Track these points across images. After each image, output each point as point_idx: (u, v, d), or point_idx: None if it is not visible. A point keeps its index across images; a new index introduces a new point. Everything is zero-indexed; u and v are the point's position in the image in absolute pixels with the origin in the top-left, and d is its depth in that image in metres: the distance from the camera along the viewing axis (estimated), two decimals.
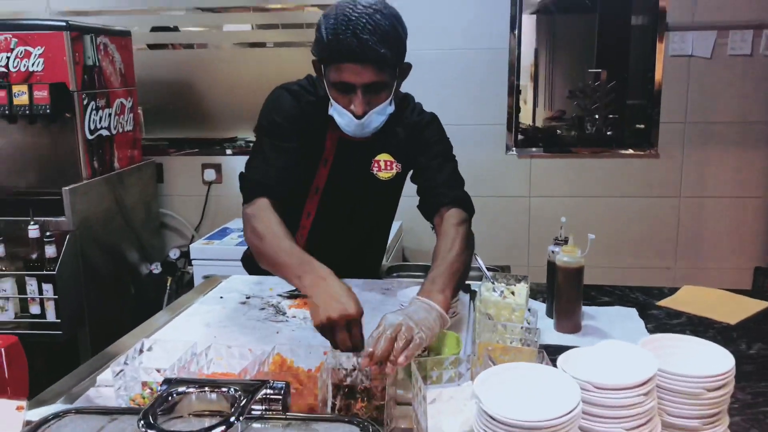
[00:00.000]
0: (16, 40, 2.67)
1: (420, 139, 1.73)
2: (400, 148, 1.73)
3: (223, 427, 0.79)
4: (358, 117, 1.51)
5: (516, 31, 3.20)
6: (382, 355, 1.11)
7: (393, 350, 1.13)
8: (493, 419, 0.84)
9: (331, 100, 1.56)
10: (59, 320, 2.57)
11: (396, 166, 1.74)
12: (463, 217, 1.63)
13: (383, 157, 1.73)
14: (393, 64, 1.50)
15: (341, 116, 1.55)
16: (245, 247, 2.14)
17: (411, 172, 1.79)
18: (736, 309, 1.66)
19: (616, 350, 1.01)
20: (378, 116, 1.55)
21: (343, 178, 1.73)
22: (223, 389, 0.87)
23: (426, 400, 1.00)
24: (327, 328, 1.23)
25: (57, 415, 0.88)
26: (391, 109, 1.58)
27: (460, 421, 1.01)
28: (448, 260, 1.47)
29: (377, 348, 1.12)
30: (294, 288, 1.75)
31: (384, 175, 1.73)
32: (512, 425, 0.82)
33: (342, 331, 1.21)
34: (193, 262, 2.98)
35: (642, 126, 3.27)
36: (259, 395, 0.87)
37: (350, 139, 1.64)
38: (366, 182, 1.74)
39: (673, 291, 1.80)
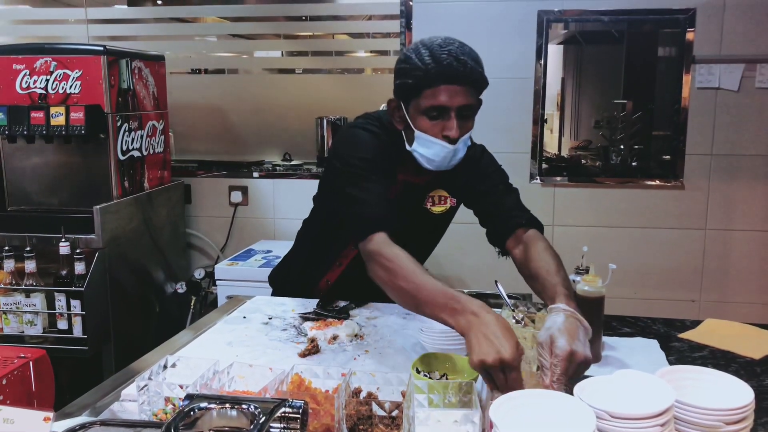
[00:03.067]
0: (56, 63, 2.77)
1: (478, 170, 1.76)
2: (455, 183, 1.76)
3: None
4: (452, 141, 1.53)
5: (542, 61, 3.22)
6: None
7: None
8: None
9: (416, 134, 1.56)
10: (85, 336, 2.61)
11: (450, 200, 1.78)
12: (544, 238, 1.67)
13: (438, 193, 1.77)
14: (482, 88, 1.58)
15: (429, 147, 1.55)
16: (269, 269, 2.19)
17: (466, 203, 1.81)
18: (761, 343, 1.64)
19: (634, 380, 1.01)
20: (464, 145, 1.58)
21: (398, 216, 1.71)
22: (243, 406, 0.89)
23: (417, 423, 1.01)
24: (483, 372, 1.17)
25: (83, 426, 0.91)
26: (470, 142, 1.62)
27: None
28: (565, 275, 1.50)
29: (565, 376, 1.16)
30: (311, 311, 1.79)
31: (437, 209, 1.78)
32: None
33: (498, 375, 1.14)
34: (218, 282, 3.02)
35: (668, 157, 3.25)
36: (278, 413, 0.89)
37: (416, 182, 1.69)
38: (418, 216, 1.77)
39: (696, 324, 1.78)
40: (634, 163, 3.31)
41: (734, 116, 3.11)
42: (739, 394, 1.00)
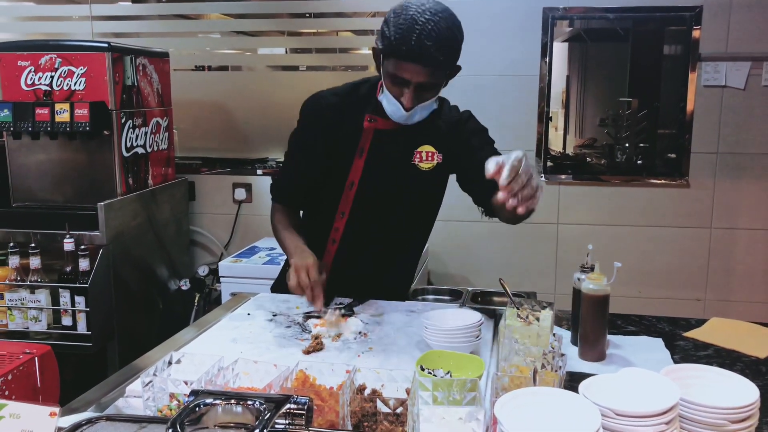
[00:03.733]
0: (60, 60, 2.78)
1: (464, 129, 1.83)
2: (442, 140, 1.81)
3: None
4: (406, 110, 1.65)
5: (547, 59, 3.22)
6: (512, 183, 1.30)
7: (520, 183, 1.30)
8: None
9: (384, 87, 1.68)
10: (90, 332, 2.62)
11: (437, 156, 1.81)
12: None
13: (425, 148, 1.81)
14: (446, 69, 1.64)
15: (390, 104, 1.68)
16: (273, 266, 2.20)
17: (451, 164, 1.84)
18: (766, 342, 1.63)
19: (639, 378, 1.01)
20: (423, 111, 1.69)
21: (380, 171, 1.79)
22: (248, 402, 0.89)
23: (430, 420, 1.01)
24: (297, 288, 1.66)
25: (89, 421, 0.91)
26: (435, 106, 1.73)
27: None
28: None
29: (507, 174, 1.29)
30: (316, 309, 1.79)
31: (425, 165, 1.81)
32: None
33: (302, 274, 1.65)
34: (222, 279, 3.03)
35: (673, 155, 3.25)
36: (283, 409, 0.89)
37: (388, 130, 1.75)
38: (406, 174, 1.79)
39: (701, 322, 1.77)
40: (639, 162, 3.30)
41: (740, 114, 3.11)
42: (744, 392, 1.00)
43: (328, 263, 1.90)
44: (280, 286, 2.07)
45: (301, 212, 2.04)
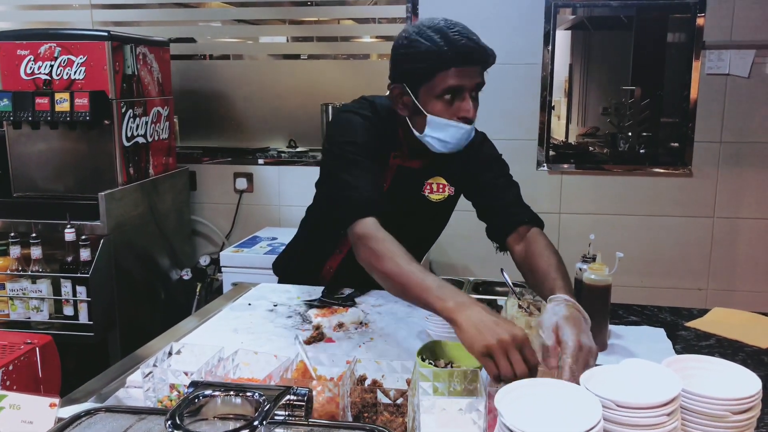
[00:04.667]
0: (60, 48, 2.76)
1: (479, 157, 1.74)
2: (454, 171, 1.75)
3: (246, 431, 0.81)
4: (470, 122, 1.54)
5: (550, 47, 3.19)
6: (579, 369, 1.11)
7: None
8: None
9: (428, 119, 1.53)
10: (91, 322, 2.62)
11: (449, 189, 1.76)
12: (546, 236, 1.66)
13: (436, 180, 1.75)
14: (489, 66, 1.56)
15: (444, 130, 1.53)
16: (274, 256, 2.19)
17: (465, 193, 1.80)
18: None
19: (640, 369, 1.00)
20: (473, 127, 1.58)
21: (394, 203, 1.68)
22: (248, 393, 0.89)
23: (430, 411, 1.01)
24: (497, 351, 1.10)
25: (88, 413, 0.91)
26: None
27: None
28: (564, 272, 1.48)
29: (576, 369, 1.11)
30: (316, 299, 1.78)
31: (435, 197, 1.75)
32: None
33: (515, 353, 1.10)
34: (223, 269, 3.03)
35: (676, 144, 3.23)
36: (283, 401, 0.88)
37: (412, 167, 1.68)
38: (416, 204, 1.75)
39: (703, 312, 1.77)
40: (642, 151, 3.29)
41: (744, 103, 3.08)
42: (746, 383, 0.99)
43: (333, 267, 1.90)
44: (285, 265, 2.06)
45: (307, 216, 1.99)
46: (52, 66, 2.77)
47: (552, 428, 0.83)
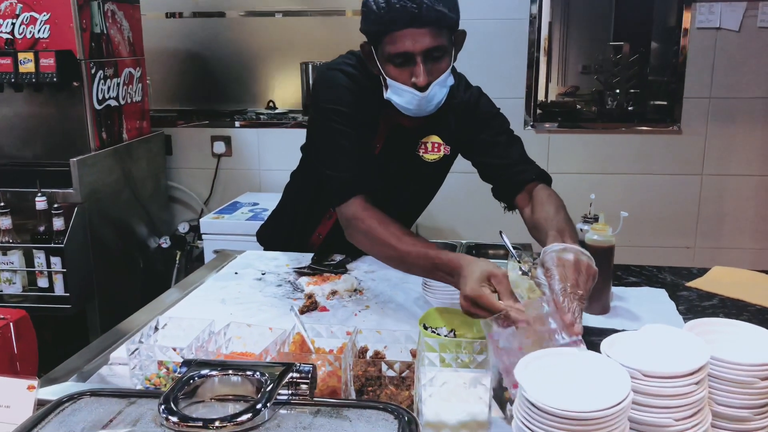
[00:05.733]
0: (21, 5, 2.59)
1: (476, 116, 1.65)
2: (450, 130, 1.65)
3: (249, 415, 0.74)
4: (421, 89, 1.42)
5: (537, 1, 3.09)
6: (573, 285, 1.11)
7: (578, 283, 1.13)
8: (538, 409, 0.78)
9: (388, 82, 1.45)
10: (68, 294, 2.52)
11: (444, 148, 1.66)
12: (554, 192, 1.60)
13: (431, 139, 1.65)
14: (450, 25, 1.42)
15: (401, 95, 1.45)
16: (256, 222, 2.11)
17: (463, 153, 1.71)
18: None
19: (663, 335, 0.95)
20: (440, 88, 1.45)
21: (388, 163, 1.64)
22: (248, 373, 0.81)
23: (433, 384, 0.96)
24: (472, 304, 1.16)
25: (72, 398, 0.83)
26: (452, 80, 1.49)
27: (458, 409, 0.96)
28: (564, 218, 1.44)
29: (567, 280, 1.12)
30: (306, 266, 1.71)
31: (430, 157, 1.66)
32: (559, 416, 0.76)
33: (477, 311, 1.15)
34: (203, 236, 2.93)
35: (665, 102, 3.17)
36: (286, 379, 0.81)
37: (404, 125, 1.57)
38: (410, 164, 1.66)
39: (702, 272, 1.73)
40: (630, 108, 3.23)
41: (734, 58, 3.03)
42: None
43: (322, 233, 1.81)
44: (269, 234, 1.97)
45: (292, 182, 1.91)
46: (13, 24, 2.61)
47: (580, 402, 0.77)
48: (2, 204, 2.44)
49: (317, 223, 1.80)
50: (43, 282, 2.53)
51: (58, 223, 2.48)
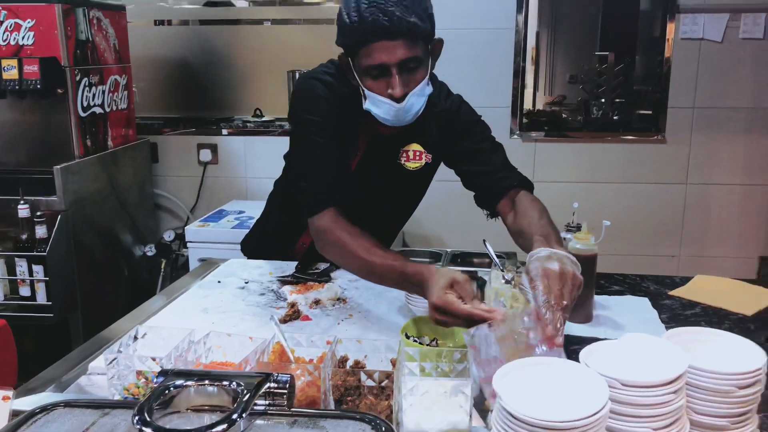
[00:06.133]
0: (6, 12, 2.58)
1: (457, 124, 1.65)
2: (432, 138, 1.65)
3: (224, 425, 0.73)
4: (398, 100, 1.42)
5: (524, 11, 3.11)
6: (558, 297, 1.11)
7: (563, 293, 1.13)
8: (516, 418, 0.78)
9: (366, 93, 1.45)
10: (50, 302, 2.50)
11: (426, 156, 1.66)
12: (537, 198, 1.62)
13: (413, 147, 1.64)
14: (424, 35, 1.41)
15: (379, 106, 1.44)
16: (242, 230, 2.09)
17: (446, 161, 1.71)
18: (751, 300, 1.60)
19: (642, 344, 0.95)
20: (418, 98, 1.45)
21: (369, 172, 1.63)
22: (224, 383, 0.81)
23: (413, 394, 0.95)
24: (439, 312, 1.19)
25: (45, 409, 0.82)
26: (430, 89, 1.48)
27: (438, 418, 0.96)
28: (547, 222, 1.46)
29: (551, 291, 1.11)
30: (290, 274, 1.70)
31: (412, 165, 1.65)
32: (536, 425, 0.76)
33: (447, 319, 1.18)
34: (189, 244, 2.91)
35: (649, 111, 3.20)
36: (263, 389, 0.81)
37: (384, 133, 1.57)
38: (392, 173, 1.65)
39: (685, 280, 1.74)
40: (615, 117, 3.25)
41: (717, 68, 3.06)
42: (750, 356, 0.95)
43: (306, 242, 1.80)
44: (253, 243, 1.96)
45: (276, 190, 1.90)
46: None
47: (557, 412, 0.77)
48: None
49: (301, 231, 1.79)
50: (25, 291, 2.50)
51: (40, 231, 2.46)
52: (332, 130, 1.51)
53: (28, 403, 1.10)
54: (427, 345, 1.23)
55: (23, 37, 2.58)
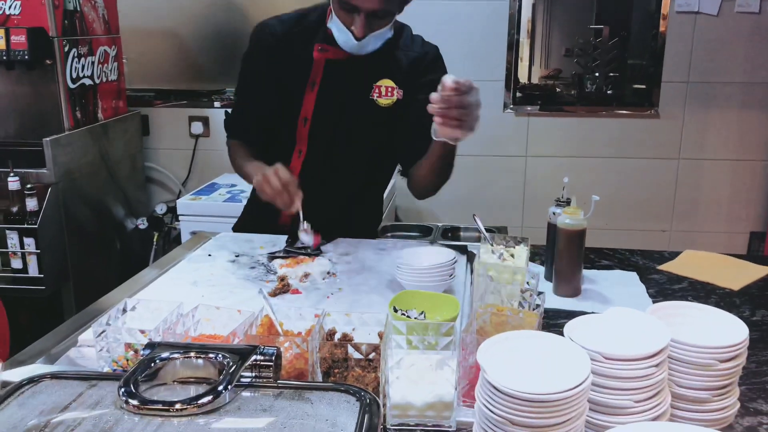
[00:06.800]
0: None
1: (424, 72, 1.67)
2: (403, 75, 1.69)
3: (210, 397, 0.74)
4: (358, 39, 1.53)
5: None
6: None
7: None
8: (499, 391, 0.79)
9: (333, 15, 1.56)
10: (42, 275, 2.50)
11: (397, 92, 1.69)
12: None
13: (384, 83, 1.68)
14: None
15: (340, 32, 1.57)
16: (234, 204, 2.10)
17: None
18: (739, 275, 1.62)
19: (625, 318, 0.96)
20: (376, 40, 1.57)
21: (334, 105, 1.68)
22: (210, 355, 0.81)
23: (400, 366, 0.97)
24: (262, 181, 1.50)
25: (32, 380, 0.82)
26: (390, 34, 1.61)
27: (425, 390, 0.97)
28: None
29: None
30: (280, 249, 1.70)
31: (384, 101, 1.69)
32: (519, 398, 0.77)
33: (269, 173, 1.49)
34: (180, 217, 2.91)
35: (643, 86, 3.18)
36: (249, 362, 0.81)
37: (341, 60, 1.63)
38: (364, 110, 1.68)
39: (674, 255, 1.75)
40: (609, 92, 3.23)
41: (712, 42, 3.04)
42: (732, 330, 0.96)
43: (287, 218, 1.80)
44: (243, 225, 1.97)
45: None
46: None
47: (540, 385, 0.78)
48: None
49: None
50: (16, 263, 2.50)
51: (31, 204, 2.45)
52: (256, 74, 1.73)
53: (17, 374, 1.11)
54: (415, 318, 1.24)
55: (9, 7, 2.54)
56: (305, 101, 1.68)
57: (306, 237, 1.55)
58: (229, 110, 1.89)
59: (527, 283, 1.33)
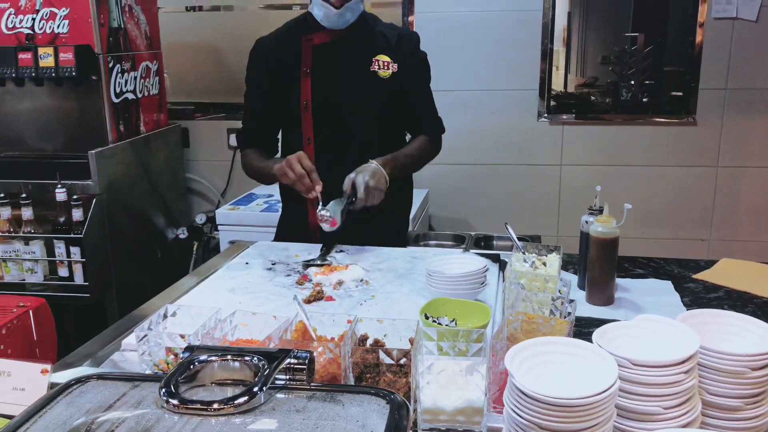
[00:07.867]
0: (41, 1, 2.65)
1: (415, 54, 1.90)
2: (394, 52, 1.86)
3: (246, 398, 0.77)
4: (337, 7, 1.73)
5: None
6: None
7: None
8: (526, 396, 0.80)
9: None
10: (87, 283, 2.58)
11: (393, 66, 1.85)
12: (429, 137, 1.95)
13: (381, 57, 1.85)
14: None
15: (320, 8, 1.77)
16: (271, 213, 2.17)
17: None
18: None
19: (655, 325, 0.96)
20: (352, 12, 1.78)
21: (329, 85, 1.82)
22: (246, 358, 0.85)
23: (430, 372, 0.98)
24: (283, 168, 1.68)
25: (80, 380, 0.87)
26: (362, 7, 1.83)
27: (455, 395, 0.99)
28: (403, 151, 1.87)
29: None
30: (317, 257, 1.74)
31: (383, 73, 1.85)
32: (546, 402, 0.78)
33: (294, 163, 1.66)
34: (219, 227, 2.98)
35: (680, 93, 3.14)
36: (283, 365, 0.84)
37: (326, 43, 1.81)
38: (366, 83, 1.83)
39: (710, 264, 1.73)
40: (644, 100, 3.20)
41: (751, 48, 2.99)
42: (765, 338, 0.95)
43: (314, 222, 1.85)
44: (279, 235, 2.02)
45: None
46: (34, 19, 2.66)
47: (567, 390, 0.79)
48: (24, 195, 2.51)
49: (305, 211, 1.89)
50: (63, 271, 2.59)
51: (77, 214, 2.54)
52: (256, 81, 1.92)
53: (65, 376, 1.16)
54: (446, 325, 1.26)
55: (58, 26, 2.65)
56: (303, 89, 1.82)
57: (324, 221, 1.65)
58: (239, 128, 2.05)
59: (559, 291, 1.34)
